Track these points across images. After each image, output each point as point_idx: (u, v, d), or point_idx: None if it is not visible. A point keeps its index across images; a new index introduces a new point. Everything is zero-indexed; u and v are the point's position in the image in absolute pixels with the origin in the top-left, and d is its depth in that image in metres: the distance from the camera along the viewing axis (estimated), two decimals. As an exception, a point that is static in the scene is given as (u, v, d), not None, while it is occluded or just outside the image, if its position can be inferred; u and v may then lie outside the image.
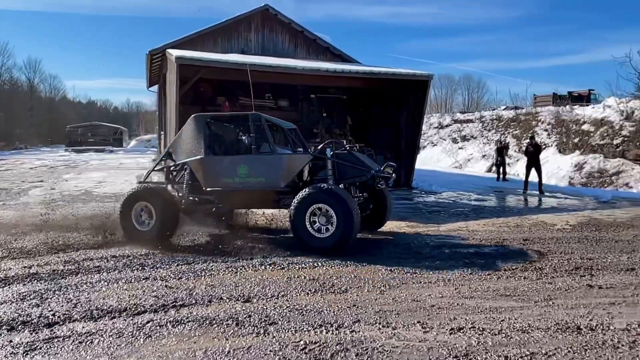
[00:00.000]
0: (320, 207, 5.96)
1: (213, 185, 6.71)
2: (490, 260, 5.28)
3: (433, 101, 50.79)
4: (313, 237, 5.96)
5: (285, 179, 6.52)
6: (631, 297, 3.93)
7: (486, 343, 3.10)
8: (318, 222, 5.99)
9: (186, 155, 6.91)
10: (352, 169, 6.66)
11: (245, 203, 7.25)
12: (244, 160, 6.67)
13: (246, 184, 6.60)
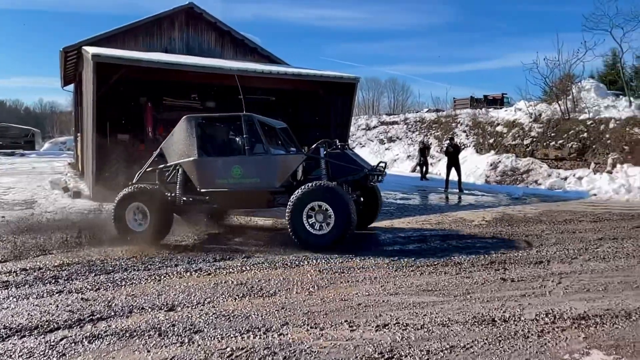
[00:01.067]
0: (318, 205, 6.08)
1: (207, 186, 6.73)
2: (413, 257, 5.48)
3: (361, 103, 51.95)
4: (311, 235, 6.08)
5: (280, 179, 6.61)
6: (539, 289, 4.24)
7: (409, 338, 3.21)
8: (315, 220, 6.10)
9: (179, 157, 6.93)
10: (346, 167, 6.83)
11: (240, 203, 7.29)
12: (237, 161, 6.71)
13: (240, 184, 6.65)
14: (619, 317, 3.43)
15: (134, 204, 6.65)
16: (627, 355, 2.83)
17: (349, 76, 13.68)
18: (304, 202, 6.12)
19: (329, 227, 6.03)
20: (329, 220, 6.04)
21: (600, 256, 5.29)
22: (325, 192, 6.13)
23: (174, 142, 7.12)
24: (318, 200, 6.08)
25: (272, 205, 6.97)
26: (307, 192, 6.15)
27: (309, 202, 6.11)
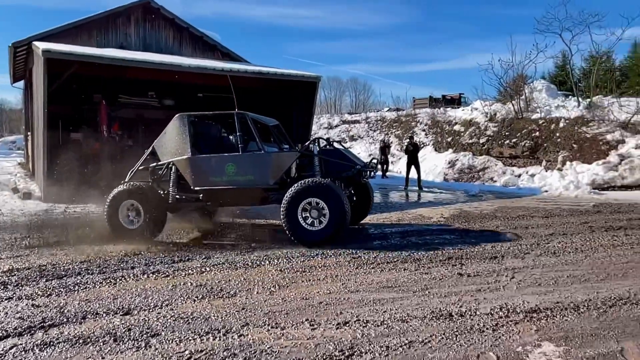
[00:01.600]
0: (312, 201, 6.18)
1: (201, 184, 6.76)
2: (374, 254, 5.54)
3: (323, 102, 52.16)
4: (306, 231, 6.19)
5: (274, 176, 6.64)
6: (494, 284, 4.37)
7: (370, 335, 3.25)
8: (310, 216, 6.20)
9: (171, 155, 6.94)
10: (339, 164, 6.98)
11: (234, 201, 7.26)
12: (231, 159, 6.72)
13: (235, 182, 6.67)
14: (568, 310, 3.58)
15: (127, 202, 6.67)
16: (575, 346, 2.96)
17: (310, 75, 13.69)
18: (298, 199, 6.21)
19: (324, 223, 6.14)
20: (324, 216, 6.15)
21: (551, 251, 5.51)
22: (320, 188, 6.23)
23: (167, 140, 7.11)
24: (313, 197, 6.18)
25: (266, 202, 7.02)
26: (301, 188, 6.24)
27: (304, 199, 6.20)
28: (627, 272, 4.48)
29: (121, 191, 6.79)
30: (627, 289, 3.94)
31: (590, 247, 5.60)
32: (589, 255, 5.22)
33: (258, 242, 6.41)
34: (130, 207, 6.70)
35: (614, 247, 5.49)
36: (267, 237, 6.89)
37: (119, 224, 6.66)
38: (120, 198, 6.71)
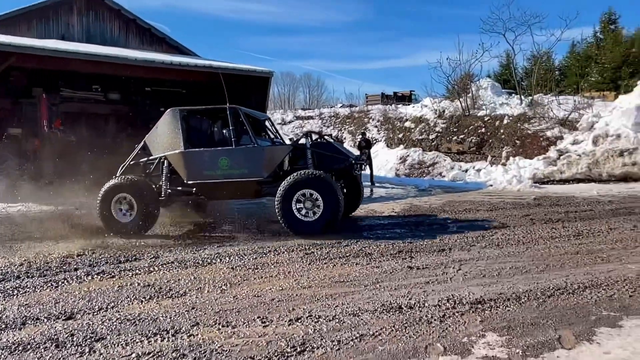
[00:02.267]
0: (306, 193, 6.40)
1: (194, 178, 6.87)
2: (326, 250, 5.58)
3: (277, 97, 51.85)
4: (301, 222, 6.43)
5: (267, 169, 6.82)
6: (442, 276, 4.50)
7: (321, 330, 3.27)
8: (304, 207, 6.44)
9: (164, 149, 7.01)
10: (331, 157, 7.18)
11: (228, 194, 7.32)
12: (225, 153, 6.82)
13: (228, 175, 6.80)
14: (510, 300, 3.73)
15: (120, 195, 6.75)
16: (517, 336, 3.09)
17: (263, 70, 13.59)
18: (293, 191, 6.40)
19: (318, 214, 6.38)
20: (317, 207, 6.38)
21: (495, 243, 5.74)
22: (314, 180, 6.42)
23: (158, 134, 7.16)
24: (307, 189, 6.39)
25: (259, 195, 7.21)
26: (296, 180, 6.43)
27: (298, 190, 6.40)
28: (564, 263, 4.73)
29: (114, 184, 6.82)
30: (564, 279, 4.16)
31: (531, 239, 5.87)
32: (530, 247, 5.47)
33: (212, 239, 6.29)
34: (123, 201, 6.77)
35: (553, 239, 5.79)
36: (225, 233, 6.78)
37: (112, 218, 6.74)
38: (113, 191, 6.75)
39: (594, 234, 5.88)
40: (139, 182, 6.95)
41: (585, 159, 12.10)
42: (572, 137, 14.16)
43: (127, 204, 6.78)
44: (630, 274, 4.13)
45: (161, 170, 7.15)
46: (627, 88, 21.88)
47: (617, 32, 36.06)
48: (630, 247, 5.15)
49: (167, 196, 7.02)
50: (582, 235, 5.89)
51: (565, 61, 37.99)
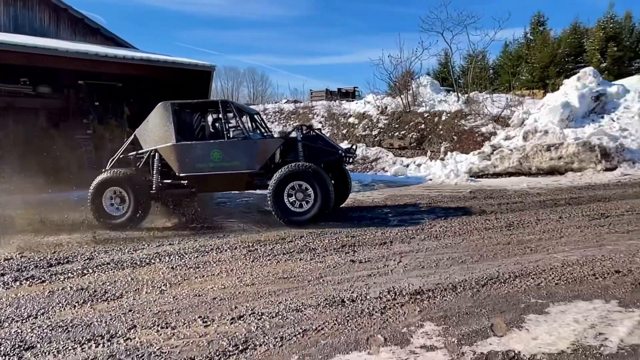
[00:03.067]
0: (298, 185, 6.68)
1: (187, 171, 6.96)
2: (270, 246, 5.56)
3: (220, 92, 50.91)
4: (293, 212, 6.71)
5: (260, 161, 7.01)
6: (383, 268, 4.61)
7: (264, 327, 3.26)
8: (295, 198, 6.71)
9: (155, 142, 7.07)
10: (321, 150, 7.38)
11: (220, 186, 7.52)
12: (217, 146, 6.96)
13: (220, 168, 6.93)
14: (447, 290, 3.88)
15: (112, 189, 6.81)
16: (452, 325, 3.22)
17: (204, 64, 13.28)
18: (285, 182, 6.66)
19: (309, 204, 6.66)
20: (309, 198, 6.67)
21: (434, 235, 5.94)
22: (306, 172, 6.67)
23: (149, 128, 7.22)
24: (299, 180, 6.66)
25: (250, 187, 7.40)
26: (288, 172, 6.68)
27: (290, 182, 6.66)
28: (497, 253, 4.97)
29: (105, 178, 6.86)
30: (497, 269, 4.38)
31: (466, 230, 6.12)
32: (466, 238, 5.71)
33: (151, 238, 6.09)
34: (114, 195, 6.83)
35: (487, 230, 6.07)
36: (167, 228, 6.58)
37: (104, 212, 6.79)
38: (105, 185, 6.80)
39: (524, 225, 6.22)
40: (131, 175, 7.01)
41: (517, 154, 12.75)
42: (504, 133, 14.88)
43: (118, 198, 6.85)
44: (555, 263, 4.41)
45: (152, 163, 7.18)
46: (554, 87, 23.31)
47: (545, 33, 38.25)
48: (555, 237, 5.49)
49: (158, 189, 7.09)
50: (513, 226, 6.21)
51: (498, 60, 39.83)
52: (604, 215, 6.50)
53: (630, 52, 39.67)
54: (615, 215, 6.46)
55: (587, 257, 4.53)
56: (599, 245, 4.98)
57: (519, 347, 2.81)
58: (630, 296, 3.48)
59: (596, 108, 13.95)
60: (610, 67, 36.04)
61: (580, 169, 11.83)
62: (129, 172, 7.10)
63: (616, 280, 3.83)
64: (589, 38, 39.19)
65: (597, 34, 38.48)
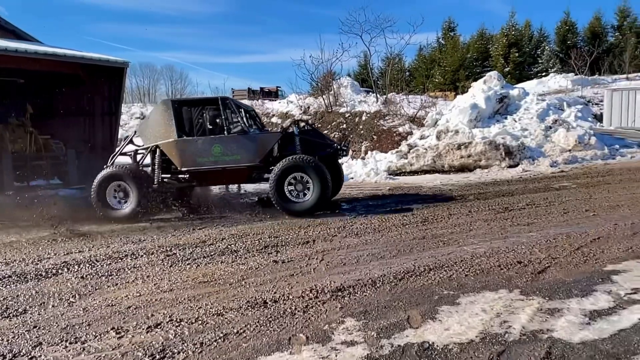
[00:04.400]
0: (298, 176, 7.11)
1: (188, 165, 7.34)
2: (189, 250, 5.40)
3: (135, 90, 48.61)
4: (293, 203, 7.17)
5: (259, 155, 7.39)
6: (306, 267, 4.64)
7: (183, 334, 3.15)
8: (295, 189, 7.17)
9: (156, 139, 7.39)
10: (317, 143, 7.82)
11: (220, 180, 7.92)
12: (218, 141, 7.30)
13: (221, 162, 7.31)
14: (367, 286, 3.99)
15: (115, 183, 7.16)
16: (372, 319, 3.31)
17: (117, 60, 12.58)
18: (286, 174, 7.07)
19: (308, 195, 7.13)
20: (308, 189, 7.12)
21: (355, 232, 6.08)
22: (306, 164, 7.09)
23: (150, 124, 7.57)
24: (299, 172, 7.08)
25: (251, 180, 7.76)
26: (289, 165, 7.09)
27: (290, 174, 7.08)
28: (413, 247, 5.19)
29: (109, 173, 7.20)
30: (413, 262, 4.57)
31: (385, 226, 6.34)
32: (385, 234, 5.91)
33: (59, 247, 5.66)
34: (118, 189, 7.20)
35: (404, 226, 6.32)
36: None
37: (107, 205, 7.18)
38: (109, 179, 7.15)
39: (437, 220, 6.56)
40: (134, 170, 7.37)
41: (431, 152, 13.42)
42: (419, 133, 15.60)
43: (122, 192, 7.20)
44: (466, 256, 4.69)
45: (153, 158, 7.51)
46: (463, 89, 24.80)
47: (455, 39, 40.57)
48: (465, 230, 5.85)
49: (159, 183, 7.41)
50: (427, 221, 6.52)
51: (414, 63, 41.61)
52: (508, 209, 7.02)
53: (530, 57, 43.19)
54: (517, 209, 7.00)
55: (493, 249, 4.87)
56: (504, 237, 5.38)
57: (432, 338, 2.96)
58: (531, 285, 3.79)
59: (500, 109, 15.05)
60: (512, 72, 39.04)
61: (487, 166, 12.70)
62: (133, 167, 7.47)
63: (518, 271, 4.15)
64: (493, 44, 42.17)
65: (500, 40, 41.52)
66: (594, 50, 37.53)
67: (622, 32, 43.36)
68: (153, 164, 7.52)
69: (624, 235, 5.06)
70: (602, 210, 6.50)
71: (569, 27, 44.99)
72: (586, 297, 3.43)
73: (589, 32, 44.84)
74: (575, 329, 2.95)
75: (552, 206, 7.02)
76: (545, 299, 3.45)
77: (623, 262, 4.15)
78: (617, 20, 45.14)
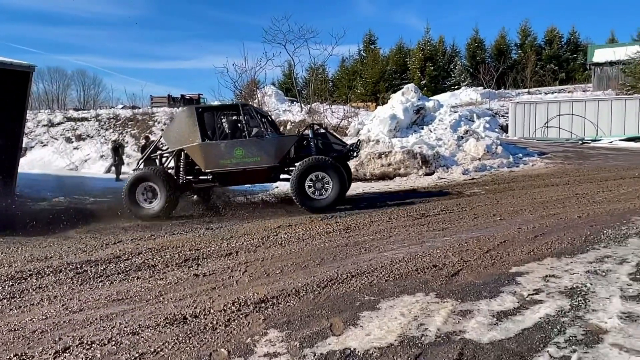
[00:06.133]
0: (317, 175, 7.77)
1: (212, 167, 7.96)
2: (102, 267, 5.09)
3: (43, 96, 45.23)
4: (313, 199, 7.86)
5: (278, 156, 8.06)
6: (228, 280, 4.55)
7: (94, 357, 2.97)
8: (314, 188, 7.82)
9: (181, 143, 8.08)
10: (330, 145, 8.58)
11: (240, 180, 8.52)
12: (239, 144, 7.96)
13: (243, 163, 7.96)
14: (291, 296, 3.99)
15: (144, 184, 7.84)
16: (295, 329, 3.31)
17: (21, 63, 11.65)
18: (306, 173, 7.74)
19: (327, 192, 7.81)
20: (326, 187, 7.81)
21: (279, 242, 6.06)
22: (324, 164, 7.79)
23: (175, 130, 8.43)
24: (318, 171, 7.74)
25: (269, 180, 8.53)
26: (309, 164, 7.78)
27: (310, 173, 7.76)
28: (336, 255, 5.27)
29: (139, 175, 7.97)
30: (336, 270, 4.64)
31: (309, 235, 6.38)
32: (309, 243, 5.95)
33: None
34: (147, 189, 7.88)
35: (327, 234, 6.40)
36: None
37: (137, 204, 7.88)
38: (138, 181, 7.88)
39: (360, 227, 6.72)
40: (162, 172, 8.03)
41: (354, 161, 13.76)
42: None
43: (150, 191, 7.88)
44: (386, 261, 4.84)
45: (177, 161, 8.26)
46: (383, 100, 25.74)
47: (375, 52, 42.05)
48: (386, 237, 6.04)
49: (184, 184, 8.16)
50: (350, 228, 6.66)
51: (337, 74, 42.55)
52: (424, 215, 7.36)
53: (444, 71, 45.84)
54: (433, 214, 7.36)
55: (411, 254, 5.07)
56: (420, 242, 5.62)
57: (354, 344, 3.02)
58: (445, 288, 3.99)
59: (417, 120, 15.79)
60: (428, 84, 41.17)
61: (406, 174, 13.25)
62: (161, 169, 8.14)
63: (434, 274, 4.36)
64: (411, 58, 44.27)
65: (417, 54, 43.67)
66: (500, 66, 40.68)
67: (524, 50, 47.44)
68: (177, 167, 8.26)
69: (527, 238, 5.49)
70: (507, 214, 7.01)
71: (477, 44, 48.49)
72: (494, 299, 3.67)
73: (495, 49, 48.61)
74: (484, 329, 3.14)
75: (464, 211, 7.46)
76: (458, 301, 3.65)
77: (526, 264, 4.49)
78: (519, 39, 49.34)
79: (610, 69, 35.19)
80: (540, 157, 15.07)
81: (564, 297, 3.60)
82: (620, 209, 6.91)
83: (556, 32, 48.31)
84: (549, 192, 8.79)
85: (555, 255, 4.70)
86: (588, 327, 3.07)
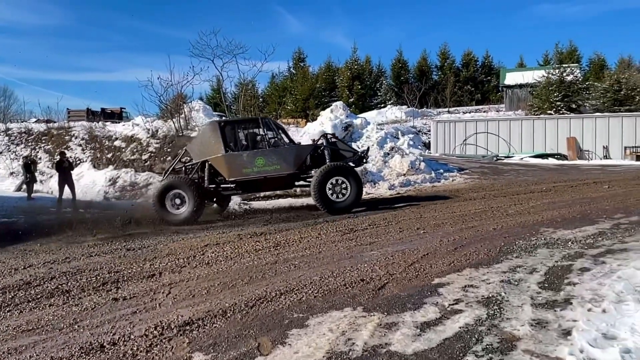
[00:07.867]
0: (337, 180, 8.56)
1: (235, 176, 8.86)
2: (10, 295, 4.69)
3: (-59, 106, 41.00)
4: (334, 202, 8.69)
5: (296, 164, 8.93)
6: (150, 302, 4.34)
7: (-3, 396, 2.70)
8: (334, 191, 8.63)
9: (205, 155, 9.07)
10: (344, 152, 9.40)
11: (262, 187, 9.40)
12: (260, 153, 8.80)
13: (264, 172, 8.77)
14: (217, 317, 3.87)
15: (174, 192, 8.68)
16: (222, 351, 3.21)
17: None
18: (327, 178, 8.54)
19: (346, 195, 8.68)
20: (344, 191, 8.66)
21: (206, 262, 5.89)
22: (343, 169, 8.70)
23: (199, 143, 9.44)
24: (338, 176, 8.55)
25: (289, 186, 9.54)
26: (329, 170, 8.63)
27: (331, 178, 8.56)
28: (265, 273, 5.20)
29: (168, 183, 8.84)
30: (265, 288, 4.57)
31: (238, 253, 6.26)
32: (237, 262, 5.82)
33: None
34: (175, 196, 8.66)
35: (257, 252, 6.31)
36: None
37: (166, 210, 8.68)
38: (167, 189, 8.69)
39: (289, 244, 6.70)
40: (189, 181, 8.84)
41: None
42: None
43: (178, 198, 8.66)
44: (315, 277, 4.86)
45: (201, 171, 9.12)
46: (313, 117, 26.12)
47: (305, 69, 42.71)
48: (315, 252, 6.06)
49: (210, 192, 9.01)
50: (280, 245, 6.62)
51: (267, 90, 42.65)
52: (353, 230, 7.49)
53: (371, 90, 47.41)
54: (361, 229, 7.51)
55: (340, 268, 5.13)
56: (349, 257, 5.71)
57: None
58: (372, 301, 4.06)
59: (346, 137, 16.15)
60: (356, 102, 42.34)
61: (336, 190, 13.44)
62: (188, 178, 9.00)
63: (361, 288, 4.43)
64: (339, 76, 45.41)
65: (345, 73, 44.88)
66: (422, 86, 42.82)
67: (444, 71, 50.35)
68: (202, 177, 9.05)
69: (447, 250, 5.75)
70: (430, 228, 7.31)
71: (402, 64, 50.82)
72: (418, 310, 3.79)
73: (418, 70, 51.16)
74: (409, 341, 3.23)
75: (390, 225, 7.68)
76: (384, 314, 3.73)
77: (447, 276, 4.70)
78: (439, 61, 52.30)
79: (519, 91, 38.22)
80: (459, 173, 15.92)
81: (481, 307, 3.79)
82: (530, 220, 7.45)
83: (472, 56, 51.77)
84: (467, 206, 9.29)
85: (474, 266, 4.96)
86: (503, 335, 3.26)
